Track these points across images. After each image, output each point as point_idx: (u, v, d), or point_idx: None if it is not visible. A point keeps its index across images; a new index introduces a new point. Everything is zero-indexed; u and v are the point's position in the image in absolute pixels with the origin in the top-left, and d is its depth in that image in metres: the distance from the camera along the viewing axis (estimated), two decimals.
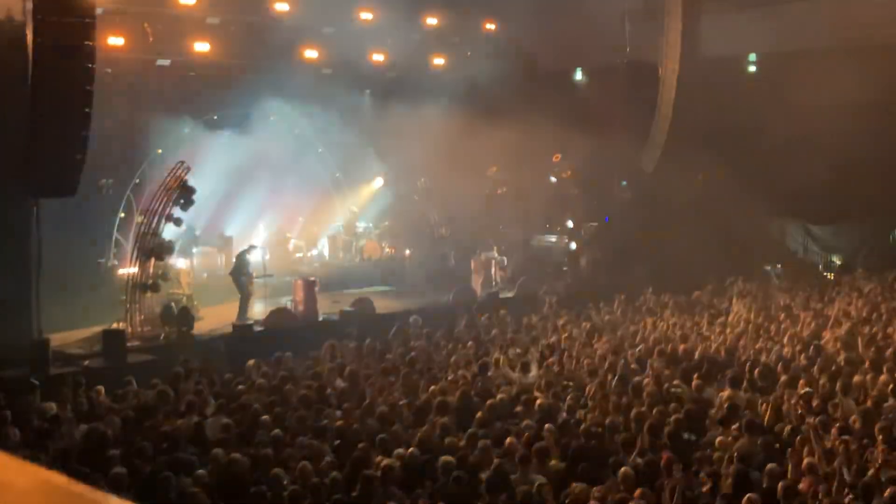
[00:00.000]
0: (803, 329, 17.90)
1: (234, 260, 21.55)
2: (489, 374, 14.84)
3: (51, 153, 16.28)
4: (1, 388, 13.89)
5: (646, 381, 13.90)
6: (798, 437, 10.71)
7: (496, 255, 26.00)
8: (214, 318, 20.94)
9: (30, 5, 15.76)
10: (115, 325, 18.54)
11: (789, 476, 9.86)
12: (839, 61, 24.73)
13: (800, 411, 12.11)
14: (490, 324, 19.82)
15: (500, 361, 15.42)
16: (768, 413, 12.04)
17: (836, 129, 24.48)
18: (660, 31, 26.59)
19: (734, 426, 11.42)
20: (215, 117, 23.63)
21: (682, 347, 16.43)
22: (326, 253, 27.23)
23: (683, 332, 18.11)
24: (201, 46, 21.60)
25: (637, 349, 16.55)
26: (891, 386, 13.13)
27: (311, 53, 23.80)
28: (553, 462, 10.47)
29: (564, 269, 26.69)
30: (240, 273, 20.85)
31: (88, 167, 16.79)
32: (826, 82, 24.01)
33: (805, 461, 10.00)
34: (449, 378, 14.59)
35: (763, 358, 15.57)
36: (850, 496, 9.35)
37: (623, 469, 9.92)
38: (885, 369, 14.15)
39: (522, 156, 25.14)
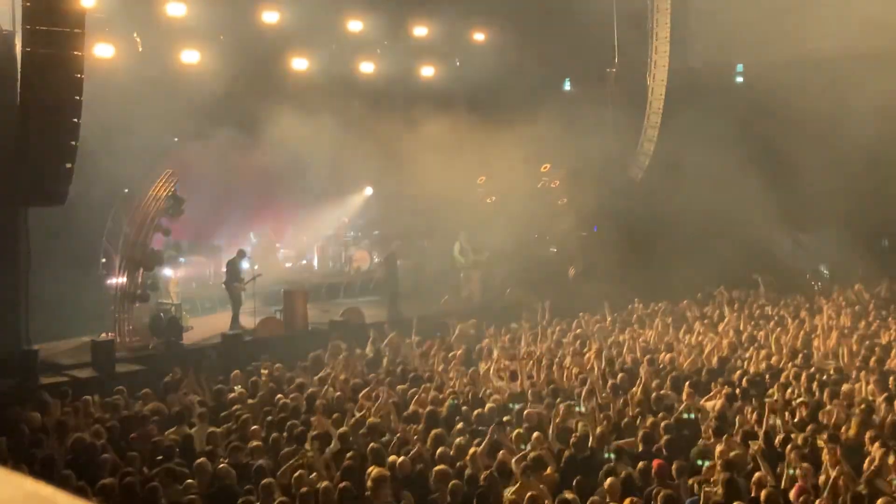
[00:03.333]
0: (792, 338, 17.95)
1: (224, 269, 21.53)
2: (480, 383, 14.82)
3: (39, 163, 16.21)
4: None
5: (635, 390, 13.92)
6: (788, 446, 10.73)
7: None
8: (203, 328, 20.89)
9: (19, 15, 15.72)
10: (103, 336, 18.46)
11: (781, 485, 9.88)
12: (827, 70, 24.85)
13: (789, 420, 12.15)
14: (480, 333, 19.80)
15: (491, 370, 15.40)
16: (759, 422, 12.05)
17: (824, 137, 24.60)
18: (648, 41, 26.69)
19: (724, 435, 11.43)
20: (204, 127, 23.57)
21: (671, 356, 16.45)
22: (316, 262, 27.19)
23: (673, 342, 18.14)
24: (190, 56, 21.57)
25: (626, 358, 16.56)
26: (882, 395, 13.17)
27: (299, 63, 23.79)
28: (545, 472, 10.45)
29: (553, 278, 26.67)
30: (233, 280, 20.86)
31: (77, 177, 16.72)
32: (814, 91, 24.11)
33: (795, 470, 10.01)
34: (439, 387, 14.59)
35: (752, 367, 15.60)
36: None
37: (609, 479, 9.92)
38: (872, 378, 14.21)
39: (511, 165, 25.15)
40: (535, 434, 11.51)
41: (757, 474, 9.92)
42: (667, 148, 26.35)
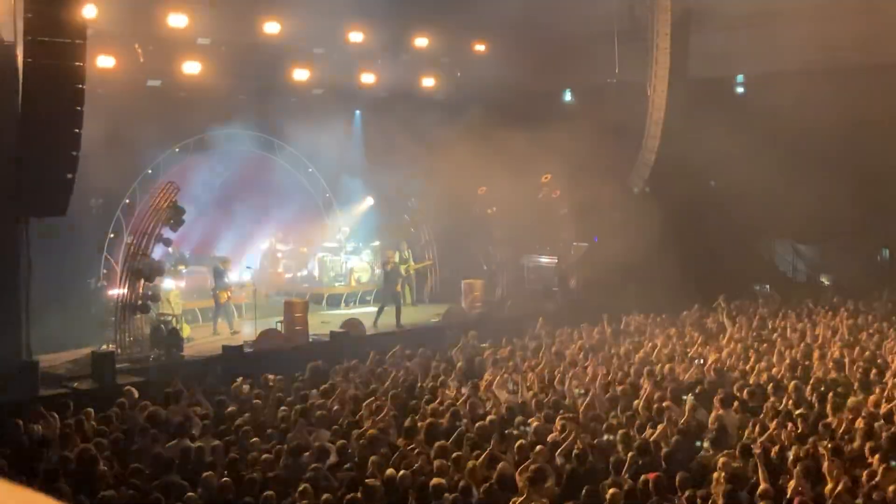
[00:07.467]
0: (793, 349, 17.92)
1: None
2: (480, 395, 14.79)
3: (41, 173, 16.24)
4: None
5: (636, 401, 13.91)
6: (789, 458, 10.72)
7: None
8: (204, 339, 20.89)
9: (20, 25, 15.75)
10: (104, 347, 18.44)
11: (782, 498, 9.86)
12: (827, 81, 24.86)
13: (790, 432, 12.14)
14: (480, 344, 19.77)
15: (492, 382, 15.37)
16: (760, 434, 12.04)
17: (824, 148, 24.61)
18: (648, 52, 26.73)
19: (724, 447, 11.42)
20: (205, 137, 23.63)
21: (672, 368, 16.43)
22: (316, 273, 27.17)
23: (673, 353, 18.12)
24: (192, 67, 21.61)
25: (627, 369, 16.54)
26: (883, 406, 13.16)
27: (301, 73, 23.84)
28: (546, 484, 10.43)
29: (554, 289, 26.68)
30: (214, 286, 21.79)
31: (78, 187, 16.74)
32: (814, 102, 24.12)
33: (795, 481, 9.99)
34: (439, 399, 14.56)
35: (753, 378, 15.58)
36: None
37: (611, 491, 9.89)
38: (873, 389, 14.20)
39: (512, 176, 25.17)
40: (536, 447, 11.48)
41: (761, 487, 9.90)
42: (668, 159, 26.36)
